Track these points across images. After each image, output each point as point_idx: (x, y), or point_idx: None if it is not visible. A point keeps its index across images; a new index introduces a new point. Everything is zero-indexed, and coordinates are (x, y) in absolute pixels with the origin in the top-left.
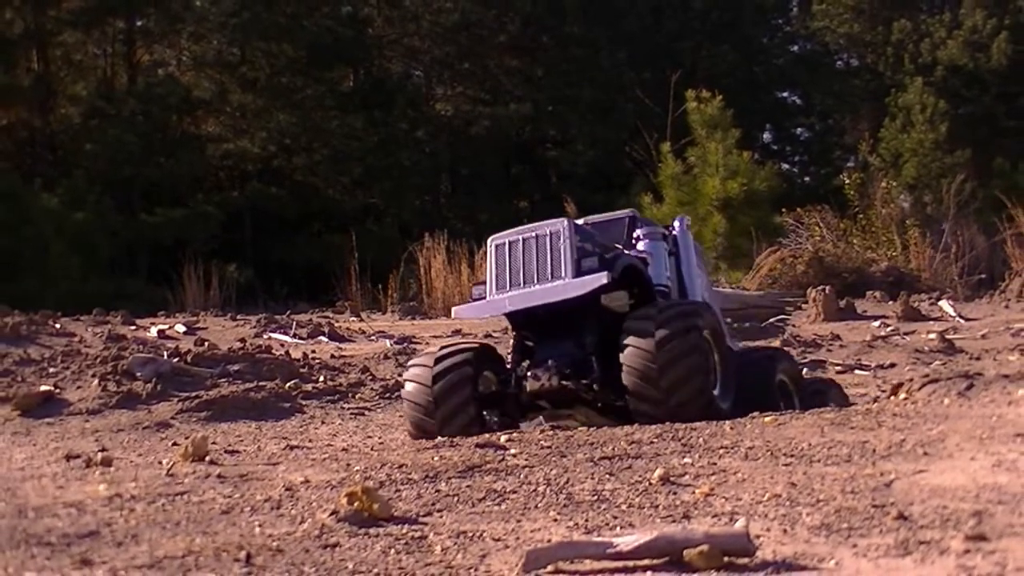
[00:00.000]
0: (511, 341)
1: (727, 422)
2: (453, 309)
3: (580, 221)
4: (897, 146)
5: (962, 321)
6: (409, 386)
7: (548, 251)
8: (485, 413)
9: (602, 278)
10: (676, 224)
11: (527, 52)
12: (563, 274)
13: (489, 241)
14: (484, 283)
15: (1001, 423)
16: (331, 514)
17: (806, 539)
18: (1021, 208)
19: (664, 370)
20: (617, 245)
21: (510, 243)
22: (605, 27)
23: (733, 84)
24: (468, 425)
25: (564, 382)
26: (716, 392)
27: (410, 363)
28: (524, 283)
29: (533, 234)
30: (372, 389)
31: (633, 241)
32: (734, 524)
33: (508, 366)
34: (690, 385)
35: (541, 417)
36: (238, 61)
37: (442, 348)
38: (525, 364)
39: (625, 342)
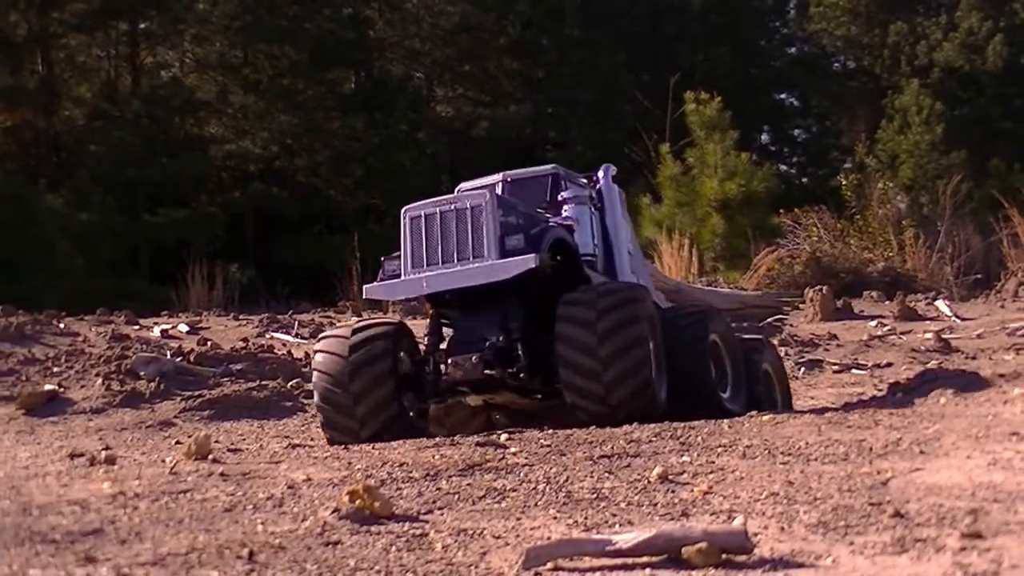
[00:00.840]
0: (427, 320)
1: (725, 421)
2: (365, 288)
3: (499, 177)
4: (894, 147)
5: (958, 321)
6: (321, 357)
7: (469, 227)
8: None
9: (530, 261)
10: (600, 174)
11: (527, 54)
12: (486, 254)
13: (403, 212)
14: (397, 258)
15: (997, 422)
16: (333, 512)
17: (803, 537)
18: (1016, 209)
19: (607, 364)
20: (540, 210)
21: (427, 216)
22: (604, 30)
23: (731, 86)
24: (385, 403)
25: (488, 371)
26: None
27: (322, 335)
28: (443, 261)
29: (452, 207)
30: None
31: (559, 200)
32: (732, 522)
33: (424, 347)
34: (634, 380)
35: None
36: (240, 63)
37: (359, 322)
38: (443, 348)
39: (562, 331)
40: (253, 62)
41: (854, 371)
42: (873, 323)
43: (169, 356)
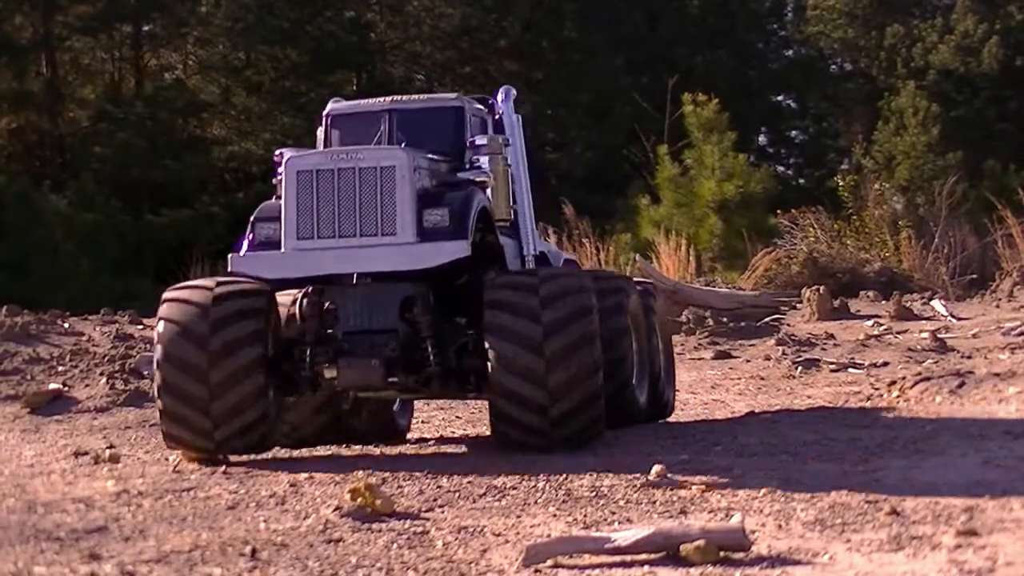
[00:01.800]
0: (299, 297)
1: (722, 419)
2: (232, 258)
3: (383, 104)
4: (890, 148)
5: (954, 320)
6: (166, 328)
7: (378, 194)
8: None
9: (460, 250)
10: (500, 97)
11: (527, 56)
12: (399, 231)
13: (286, 161)
14: (275, 220)
15: (992, 420)
16: (334, 510)
17: (800, 534)
18: (1010, 210)
19: (552, 364)
20: (442, 158)
21: (319, 173)
22: (603, 32)
23: (729, 88)
24: (252, 403)
25: (391, 379)
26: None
27: (168, 296)
28: (340, 234)
29: (354, 166)
30: None
31: (469, 143)
32: (730, 519)
33: (293, 332)
34: (583, 390)
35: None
36: (243, 65)
37: (220, 284)
38: (327, 343)
39: (494, 320)
40: (256, 64)
41: (851, 370)
42: (869, 323)
43: None
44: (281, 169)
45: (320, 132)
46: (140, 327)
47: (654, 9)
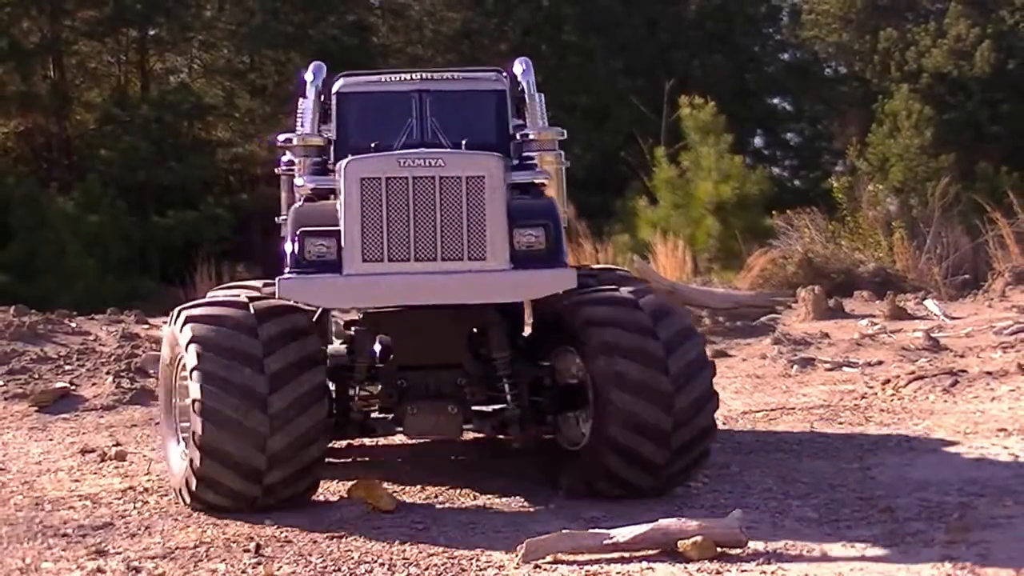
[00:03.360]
0: (341, 326)
1: (719, 417)
2: (280, 283)
3: (412, 83)
4: (884, 151)
5: (947, 320)
6: (204, 352)
7: (464, 210)
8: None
9: (565, 280)
10: (518, 69)
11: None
12: (489, 255)
13: (346, 166)
14: (329, 235)
15: (984, 418)
16: (337, 507)
17: (796, 530)
18: (1002, 211)
19: (680, 387)
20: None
21: (390, 180)
22: (602, 37)
23: (725, 91)
24: (314, 438)
25: (467, 426)
26: None
27: (197, 315)
28: (416, 257)
29: (434, 175)
30: None
31: (517, 137)
32: (727, 516)
33: (340, 366)
34: (705, 415)
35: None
36: (247, 69)
37: (258, 302)
38: (378, 379)
39: (605, 340)
40: (259, 68)
41: (845, 369)
42: (864, 322)
43: None
44: (345, 179)
45: (307, 109)
46: (146, 326)
47: (652, 14)
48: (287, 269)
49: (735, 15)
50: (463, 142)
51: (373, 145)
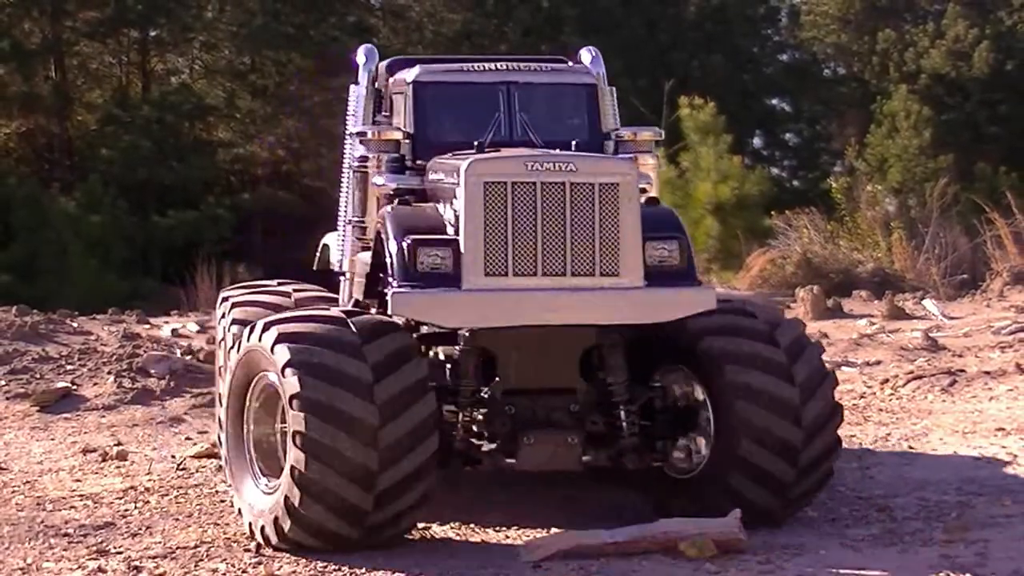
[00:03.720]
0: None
1: None
2: (393, 297)
3: (504, 68)
4: (883, 151)
5: (945, 320)
6: (304, 377)
7: (595, 220)
8: None
9: (705, 300)
10: (586, 57)
11: None
12: (623, 270)
13: (467, 168)
14: (443, 243)
15: (983, 418)
16: None
17: (794, 530)
18: (1000, 212)
19: (807, 398)
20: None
21: (515, 185)
22: (602, 37)
23: (725, 92)
24: (426, 474)
25: (585, 457)
26: None
27: (286, 331)
28: (543, 271)
29: (564, 180)
30: None
31: (612, 137)
32: (726, 516)
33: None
34: (831, 431)
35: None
36: (248, 69)
37: (357, 319)
38: (483, 405)
39: (725, 348)
40: (260, 68)
41: (844, 368)
42: (863, 322)
43: (179, 354)
44: (465, 181)
45: (360, 97)
46: (147, 326)
47: (652, 15)
48: (394, 281)
49: (734, 16)
50: (574, 143)
51: (477, 143)
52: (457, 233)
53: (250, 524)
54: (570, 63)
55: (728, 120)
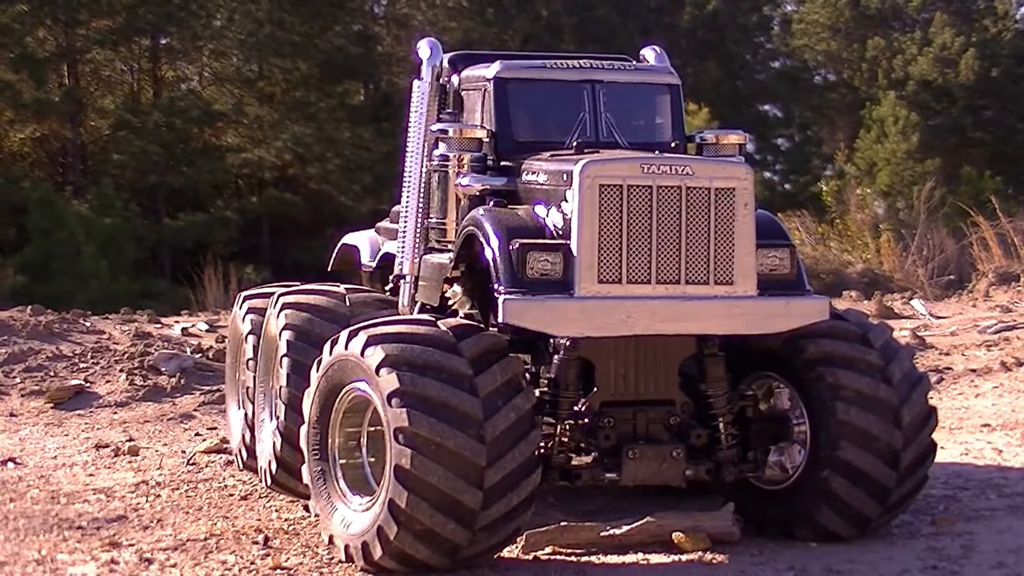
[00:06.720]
0: (537, 356)
1: None
2: (505, 305)
3: (587, 66)
4: (872, 155)
5: (932, 319)
6: (413, 390)
7: (711, 226)
8: None
9: (818, 310)
10: (650, 54)
11: None
12: (737, 279)
13: (581, 169)
14: (552, 248)
15: (969, 414)
16: None
17: None
18: (984, 215)
19: (904, 399)
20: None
21: (631, 188)
22: (599, 45)
23: (718, 98)
24: (529, 503)
25: (688, 472)
26: None
27: (368, 333)
28: (657, 279)
29: (680, 184)
30: None
31: (696, 141)
32: (720, 509)
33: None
34: (924, 469)
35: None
36: (256, 77)
37: (446, 320)
38: (598, 420)
39: (823, 350)
40: (268, 76)
41: None
42: None
43: (189, 352)
44: (580, 183)
45: (423, 93)
46: (158, 325)
47: (647, 23)
48: (502, 287)
49: (727, 24)
50: (672, 144)
51: (576, 144)
52: (562, 237)
53: (346, 547)
54: (649, 62)
55: (721, 125)
